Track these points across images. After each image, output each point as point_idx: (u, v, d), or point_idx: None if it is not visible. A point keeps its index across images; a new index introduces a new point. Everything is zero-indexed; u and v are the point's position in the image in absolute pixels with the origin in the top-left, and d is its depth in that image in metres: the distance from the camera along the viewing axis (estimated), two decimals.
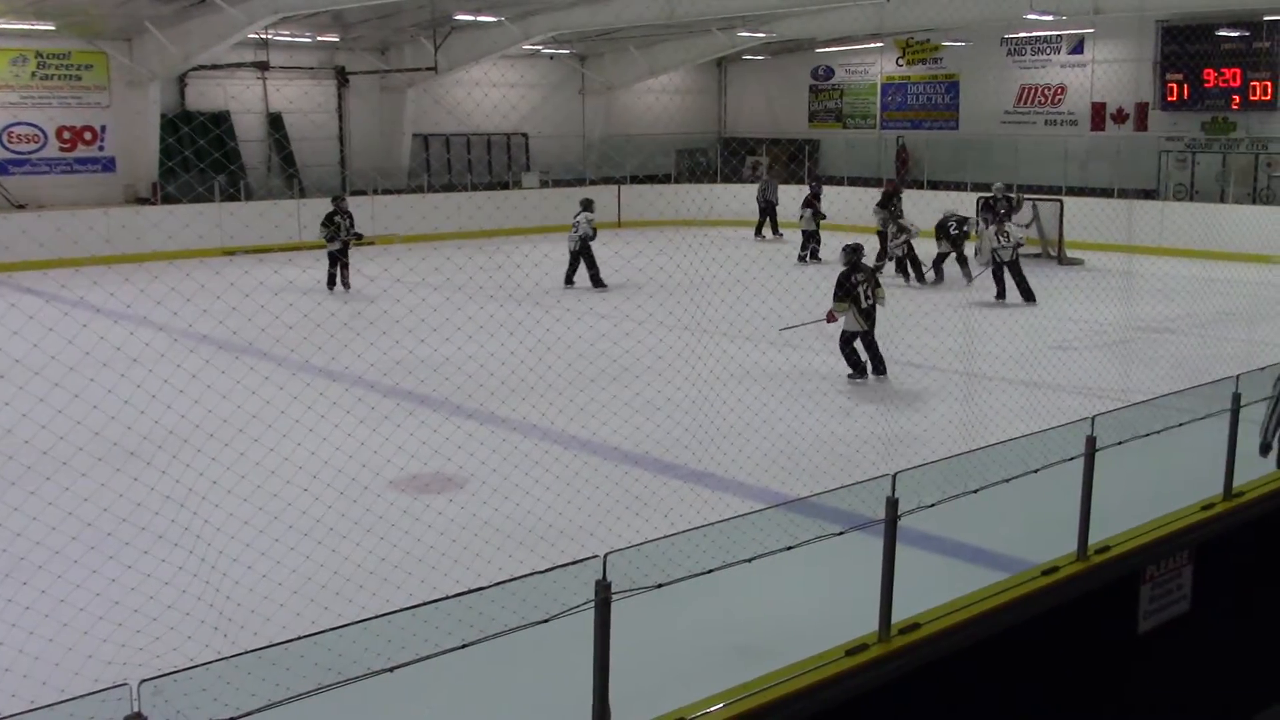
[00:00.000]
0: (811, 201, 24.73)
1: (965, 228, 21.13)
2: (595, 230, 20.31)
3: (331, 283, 20.29)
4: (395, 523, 8.27)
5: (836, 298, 13.19)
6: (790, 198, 27.97)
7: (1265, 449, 7.42)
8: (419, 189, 29.40)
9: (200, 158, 27.96)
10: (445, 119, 30.99)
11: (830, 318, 13.47)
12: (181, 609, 6.58)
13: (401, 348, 13.46)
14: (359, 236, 20.62)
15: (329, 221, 20.23)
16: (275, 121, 29.18)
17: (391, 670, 3.93)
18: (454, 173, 31.59)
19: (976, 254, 20.14)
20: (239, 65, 27.56)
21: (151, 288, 13.65)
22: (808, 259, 24.25)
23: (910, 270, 21.28)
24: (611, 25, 27.61)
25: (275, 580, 7.08)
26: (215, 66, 27.14)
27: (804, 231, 24.59)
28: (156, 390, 8.24)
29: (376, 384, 13.04)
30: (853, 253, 13.47)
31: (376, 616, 4.02)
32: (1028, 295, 18.80)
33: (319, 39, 28.63)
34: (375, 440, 9.81)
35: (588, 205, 20.68)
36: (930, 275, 21.25)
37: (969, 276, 20.52)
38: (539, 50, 31.96)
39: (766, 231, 28.59)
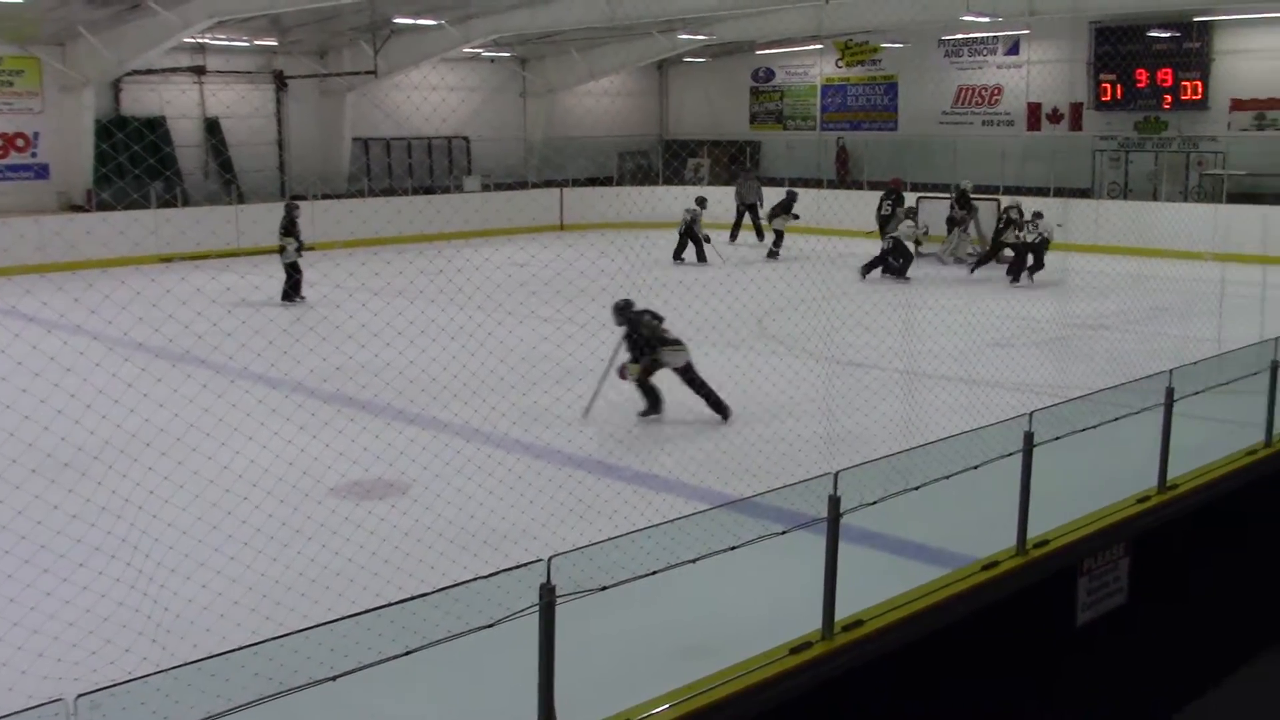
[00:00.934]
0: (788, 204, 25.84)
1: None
2: (703, 226, 24.69)
3: (289, 296, 19.49)
4: (337, 530, 8.20)
5: (633, 359, 11.84)
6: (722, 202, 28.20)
7: None
8: (359, 193, 29.17)
9: (135, 164, 27.51)
10: (385, 123, 30.79)
11: (622, 374, 11.97)
12: (119, 621, 6.48)
13: (342, 353, 13.34)
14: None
15: (294, 229, 19.62)
16: (212, 126, 28.81)
17: (334, 679, 3.89)
18: (394, 177, 31.37)
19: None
20: (174, 70, 27.21)
21: (86, 296, 13.40)
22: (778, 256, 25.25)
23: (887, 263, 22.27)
24: (552, 28, 27.57)
25: (215, 590, 7.00)
26: (150, 71, 26.76)
27: (777, 230, 25.73)
28: (91, 400, 8.10)
29: (317, 390, 12.92)
30: (622, 312, 12.10)
31: (319, 625, 3.98)
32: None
33: (256, 43, 28.33)
34: (316, 447, 9.72)
35: (702, 202, 24.84)
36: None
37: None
38: (479, 53, 31.83)
39: (747, 235, 28.45)
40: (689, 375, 11.83)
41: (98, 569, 7.00)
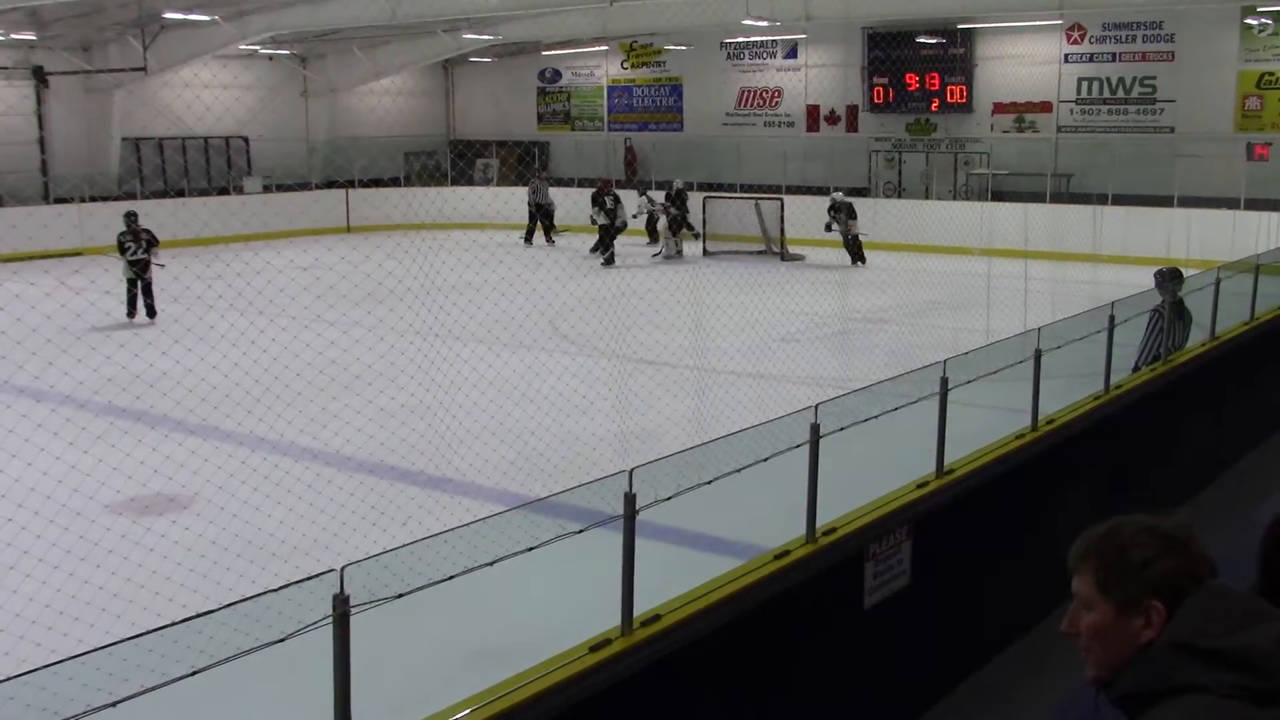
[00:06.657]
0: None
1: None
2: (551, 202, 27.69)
3: (133, 309, 18.32)
4: (113, 548, 7.80)
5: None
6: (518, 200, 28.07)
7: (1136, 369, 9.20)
8: (130, 195, 27.85)
9: None
10: (157, 121, 29.52)
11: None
12: None
13: (113, 363, 12.70)
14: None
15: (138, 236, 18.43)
16: None
17: (114, 705, 3.69)
18: (169, 178, 30.09)
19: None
20: None
21: None
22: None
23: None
24: (331, 25, 26.96)
25: None
26: None
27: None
28: None
29: (87, 403, 12.28)
30: None
31: (95, 649, 3.77)
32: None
33: (13, 36, 26.71)
34: (87, 462, 9.22)
35: (543, 177, 27.54)
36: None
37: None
38: (257, 50, 30.86)
39: (538, 238, 28.52)
40: None
41: None
